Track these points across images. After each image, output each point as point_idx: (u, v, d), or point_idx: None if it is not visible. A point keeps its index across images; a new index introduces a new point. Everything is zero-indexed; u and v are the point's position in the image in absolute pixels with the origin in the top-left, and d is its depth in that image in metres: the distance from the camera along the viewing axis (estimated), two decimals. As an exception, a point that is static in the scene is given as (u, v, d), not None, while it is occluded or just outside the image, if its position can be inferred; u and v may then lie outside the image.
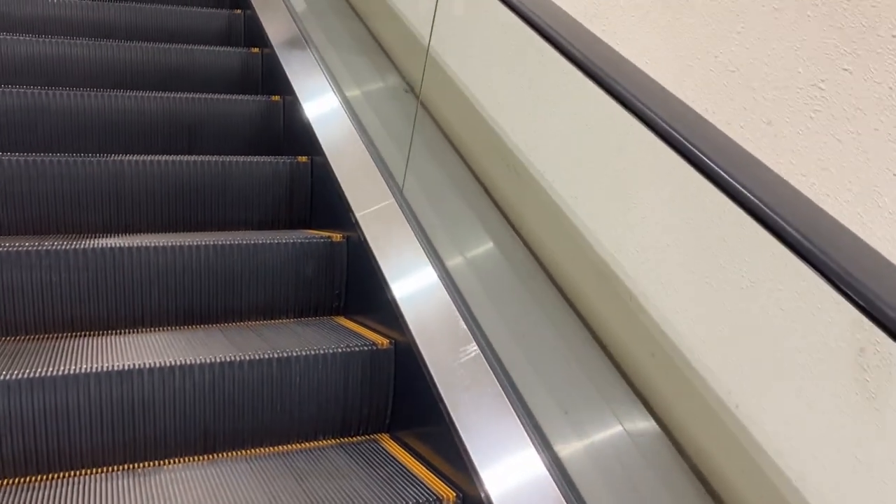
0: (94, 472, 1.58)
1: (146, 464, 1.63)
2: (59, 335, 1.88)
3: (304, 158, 2.44)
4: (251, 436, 1.72)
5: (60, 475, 1.56)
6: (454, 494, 1.52)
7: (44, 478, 1.55)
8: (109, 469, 1.60)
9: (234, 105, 2.73)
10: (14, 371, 1.53)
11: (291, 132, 2.70)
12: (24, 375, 1.53)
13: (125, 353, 1.72)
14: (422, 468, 1.65)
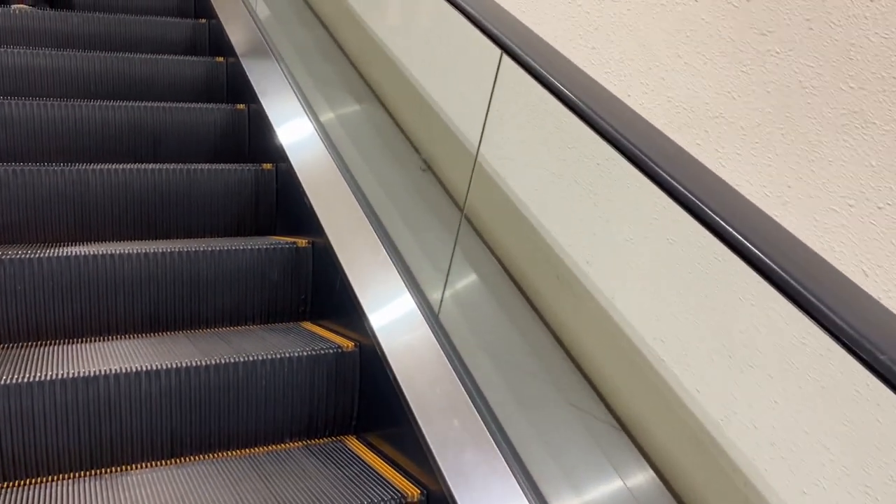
0: (61, 478, 1.59)
1: (113, 469, 1.64)
2: (24, 344, 1.88)
3: (269, 165, 2.47)
4: (218, 439, 1.74)
5: (26, 482, 1.57)
6: (419, 492, 1.55)
7: (9, 485, 1.55)
8: (76, 475, 1.61)
9: (199, 114, 2.74)
10: (-22, 379, 1.54)
11: (256, 140, 2.73)
12: (-11, 383, 1.54)
13: (91, 360, 1.73)
14: (387, 467, 1.68)
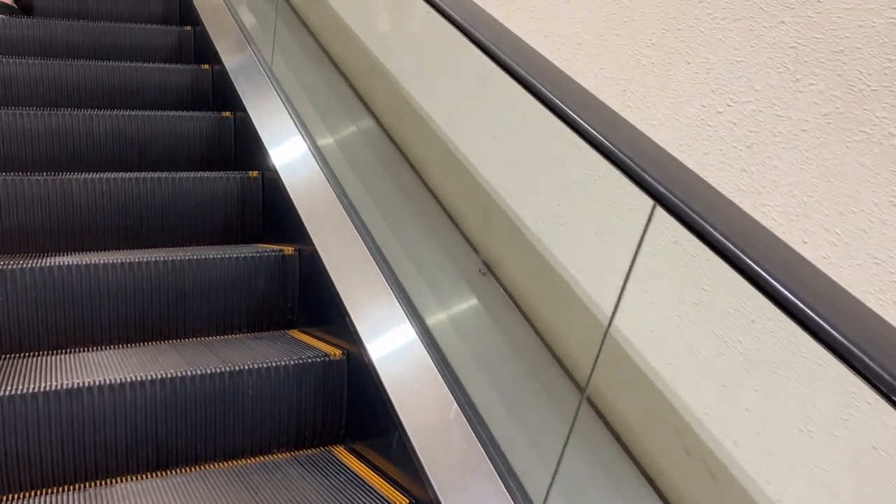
0: (44, 493, 1.57)
1: (97, 482, 1.62)
2: (7, 356, 1.86)
3: (255, 173, 2.45)
4: (204, 450, 1.72)
5: (8, 497, 1.54)
6: (407, 501, 1.54)
7: (-8, 500, 1.53)
8: (59, 489, 1.59)
9: (184, 122, 2.73)
10: (-41, 392, 1.52)
11: (242, 147, 2.71)
12: (-30, 396, 1.51)
13: (75, 371, 1.71)
14: (376, 477, 1.66)
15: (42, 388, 1.57)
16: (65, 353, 1.90)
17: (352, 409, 1.83)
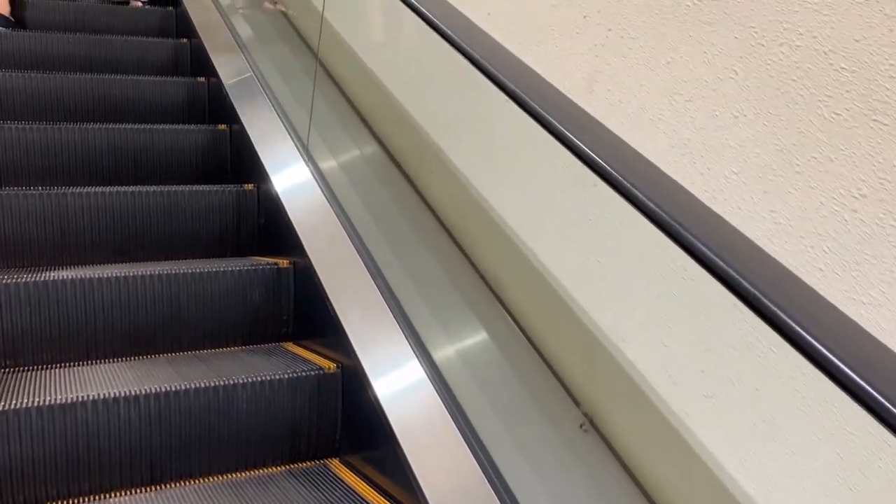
0: (37, 508, 1.57)
1: (91, 497, 1.62)
2: (1, 371, 1.85)
3: (251, 186, 2.45)
4: (198, 465, 1.72)
5: (2, 512, 1.54)
6: (402, 514, 1.53)
7: (-15, 516, 1.53)
8: (53, 504, 1.59)
9: (180, 135, 2.73)
10: (-48, 408, 1.51)
11: (238, 160, 2.71)
12: (-37, 412, 1.51)
13: (69, 386, 1.71)
14: (371, 491, 1.66)
15: (36, 403, 1.56)
16: (59, 368, 1.89)
17: (347, 422, 1.83)
